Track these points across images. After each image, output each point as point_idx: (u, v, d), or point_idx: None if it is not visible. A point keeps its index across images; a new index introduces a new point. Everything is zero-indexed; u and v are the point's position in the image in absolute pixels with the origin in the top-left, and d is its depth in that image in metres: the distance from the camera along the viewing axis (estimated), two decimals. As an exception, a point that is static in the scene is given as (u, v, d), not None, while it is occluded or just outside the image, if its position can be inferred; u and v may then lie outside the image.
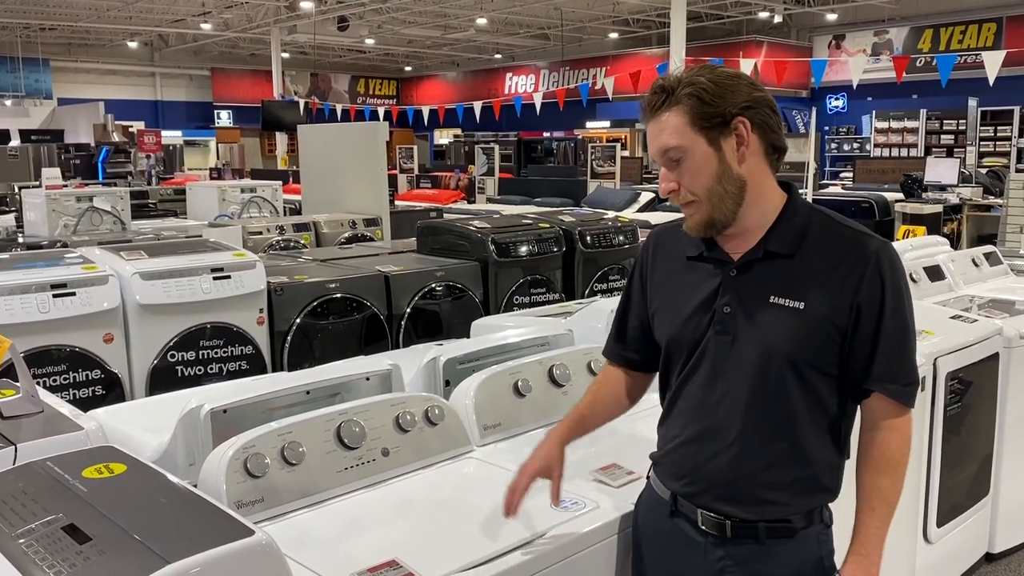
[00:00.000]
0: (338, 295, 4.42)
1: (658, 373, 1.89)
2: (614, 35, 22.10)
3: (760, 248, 1.69)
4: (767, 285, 1.67)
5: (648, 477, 1.91)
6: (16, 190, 9.92)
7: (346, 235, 7.09)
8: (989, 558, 3.84)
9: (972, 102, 15.08)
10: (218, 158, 21.56)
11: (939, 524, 3.39)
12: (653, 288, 1.87)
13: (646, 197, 11.44)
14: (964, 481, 3.55)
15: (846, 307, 1.64)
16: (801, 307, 1.64)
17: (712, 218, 1.68)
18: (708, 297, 1.72)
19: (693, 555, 1.76)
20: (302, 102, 20.90)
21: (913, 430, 1.76)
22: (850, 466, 1.78)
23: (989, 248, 5.10)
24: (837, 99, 20.14)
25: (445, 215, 9.53)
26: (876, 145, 18.61)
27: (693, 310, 1.73)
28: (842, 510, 1.81)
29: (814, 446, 1.70)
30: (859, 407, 1.75)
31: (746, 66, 13.36)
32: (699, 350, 1.72)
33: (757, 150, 1.66)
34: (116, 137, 14.53)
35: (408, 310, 4.66)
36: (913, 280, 4.23)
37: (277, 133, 21.31)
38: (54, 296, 3.58)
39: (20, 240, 6.66)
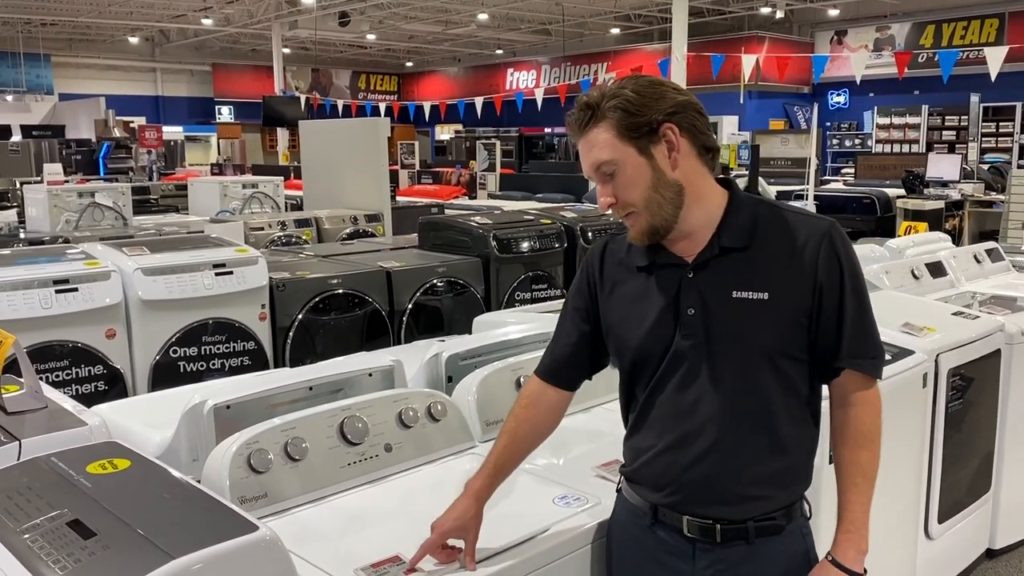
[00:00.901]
0: (340, 291, 4.42)
1: (619, 388, 1.85)
2: (615, 31, 22.05)
3: (714, 245, 1.69)
4: (728, 281, 1.67)
5: (619, 491, 1.89)
6: (17, 186, 9.93)
7: (347, 231, 7.10)
8: (990, 554, 3.85)
9: (974, 98, 15.03)
10: (219, 154, 21.54)
11: (940, 520, 3.39)
12: (604, 301, 1.82)
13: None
14: (965, 477, 3.55)
15: (808, 289, 1.66)
16: (766, 297, 1.65)
17: (653, 225, 1.68)
18: (669, 303, 1.70)
19: (679, 564, 1.74)
20: (303, 98, 20.86)
21: (914, 427, 1.76)
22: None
23: (991, 244, 5.09)
24: (839, 95, 20.10)
25: (446, 211, 9.51)
26: (878, 141, 18.57)
27: (656, 318, 1.71)
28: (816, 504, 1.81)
29: (792, 435, 1.71)
30: (827, 386, 1.76)
31: (748, 62, 13.36)
32: (668, 357, 1.70)
33: (689, 153, 1.67)
34: (117, 132, 14.55)
35: (410, 306, 4.66)
36: (915, 276, 4.23)
37: (278, 129, 21.26)
38: (56, 292, 3.59)
39: (22, 236, 6.66)
